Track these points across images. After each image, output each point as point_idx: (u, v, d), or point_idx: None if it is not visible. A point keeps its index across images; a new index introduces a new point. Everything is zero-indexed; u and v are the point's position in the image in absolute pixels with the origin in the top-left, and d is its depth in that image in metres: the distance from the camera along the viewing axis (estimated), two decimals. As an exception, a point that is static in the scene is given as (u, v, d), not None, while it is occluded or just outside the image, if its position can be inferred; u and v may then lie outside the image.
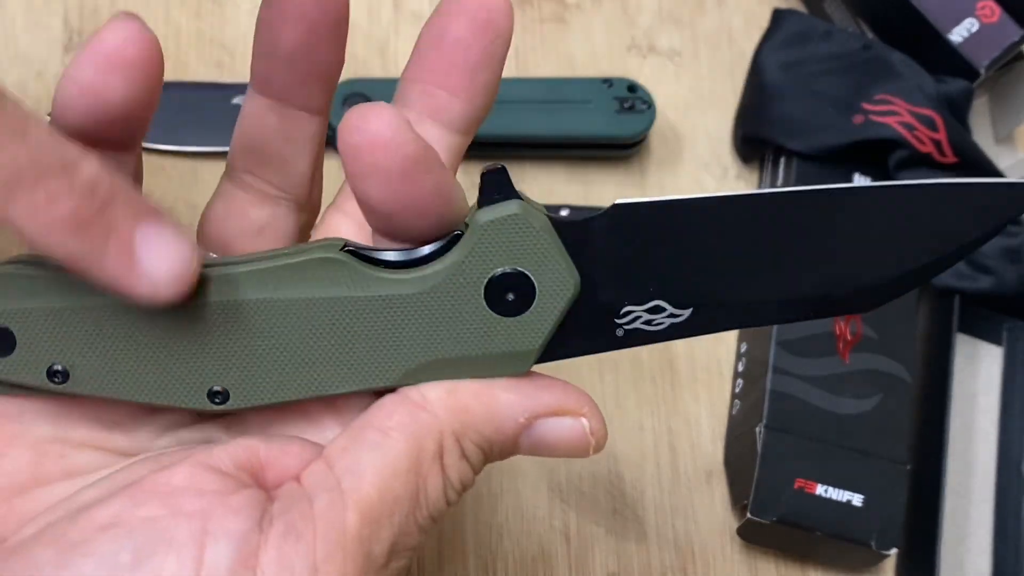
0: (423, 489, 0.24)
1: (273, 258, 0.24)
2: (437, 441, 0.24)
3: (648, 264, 0.24)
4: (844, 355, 0.44)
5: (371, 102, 0.23)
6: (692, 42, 0.53)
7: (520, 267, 0.24)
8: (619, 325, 0.25)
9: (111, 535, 0.22)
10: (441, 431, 0.24)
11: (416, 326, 0.24)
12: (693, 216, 0.24)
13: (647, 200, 0.24)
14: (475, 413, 0.25)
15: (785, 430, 0.43)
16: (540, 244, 0.24)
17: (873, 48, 0.49)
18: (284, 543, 0.22)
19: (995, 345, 0.47)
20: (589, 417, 0.25)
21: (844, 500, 0.42)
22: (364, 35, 0.50)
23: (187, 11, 0.50)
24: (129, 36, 0.22)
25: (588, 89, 0.49)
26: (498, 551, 0.43)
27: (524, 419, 0.25)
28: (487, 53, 0.25)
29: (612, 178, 0.50)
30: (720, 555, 0.44)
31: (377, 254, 0.24)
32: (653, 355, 0.47)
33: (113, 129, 0.23)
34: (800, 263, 0.25)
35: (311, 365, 0.24)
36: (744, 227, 0.24)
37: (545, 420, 0.25)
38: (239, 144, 0.27)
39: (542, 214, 0.24)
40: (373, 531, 0.23)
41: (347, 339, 0.24)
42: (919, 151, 0.47)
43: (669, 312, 0.25)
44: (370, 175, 0.23)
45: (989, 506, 0.44)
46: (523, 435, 0.25)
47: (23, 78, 0.48)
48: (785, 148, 0.48)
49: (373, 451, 0.24)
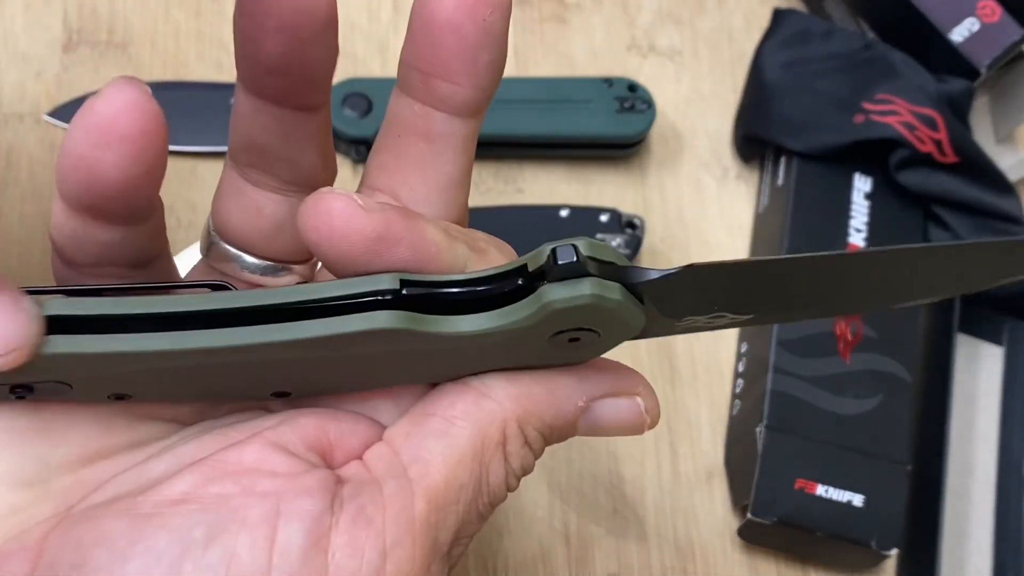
0: (485, 477, 0.24)
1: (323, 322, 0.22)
2: (500, 429, 0.24)
3: (715, 301, 0.24)
4: (845, 355, 0.44)
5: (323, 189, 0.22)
6: (692, 42, 0.53)
7: (589, 326, 0.23)
8: (677, 326, 0.25)
9: (184, 510, 0.22)
10: (504, 419, 0.24)
11: (477, 353, 0.24)
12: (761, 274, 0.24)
13: (721, 262, 0.23)
14: (537, 400, 0.24)
15: (786, 430, 0.43)
16: (610, 316, 0.23)
17: (874, 47, 0.49)
18: (355, 527, 0.22)
19: (996, 345, 0.47)
20: (644, 396, 0.26)
21: (845, 500, 0.42)
22: (364, 35, 0.50)
23: (187, 11, 0.50)
24: (125, 106, 0.20)
25: (588, 89, 0.49)
26: (498, 551, 0.43)
27: (583, 402, 0.25)
28: (485, 32, 0.23)
29: (612, 178, 0.50)
30: (720, 555, 0.44)
31: (436, 290, 0.23)
32: (653, 355, 0.47)
33: (114, 204, 0.22)
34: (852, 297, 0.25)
35: (371, 378, 0.25)
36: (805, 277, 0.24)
37: (603, 402, 0.25)
38: (238, 142, 0.26)
39: (615, 293, 0.22)
40: (440, 518, 0.23)
41: (407, 363, 0.24)
42: (920, 151, 0.47)
43: (729, 319, 0.25)
44: (338, 262, 0.22)
45: (990, 506, 0.44)
46: (583, 421, 0.25)
47: (23, 78, 0.48)
48: (785, 148, 0.48)
49: (439, 439, 0.24)
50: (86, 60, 0.49)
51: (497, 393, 0.24)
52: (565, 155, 0.50)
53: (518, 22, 0.52)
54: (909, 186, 0.47)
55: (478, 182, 0.48)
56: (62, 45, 0.49)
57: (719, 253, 0.49)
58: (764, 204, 0.50)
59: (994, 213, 0.47)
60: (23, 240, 0.45)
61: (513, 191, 0.49)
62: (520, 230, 0.47)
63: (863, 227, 0.47)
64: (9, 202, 0.46)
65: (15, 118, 0.47)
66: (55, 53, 0.49)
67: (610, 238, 0.47)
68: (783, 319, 0.25)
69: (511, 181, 0.49)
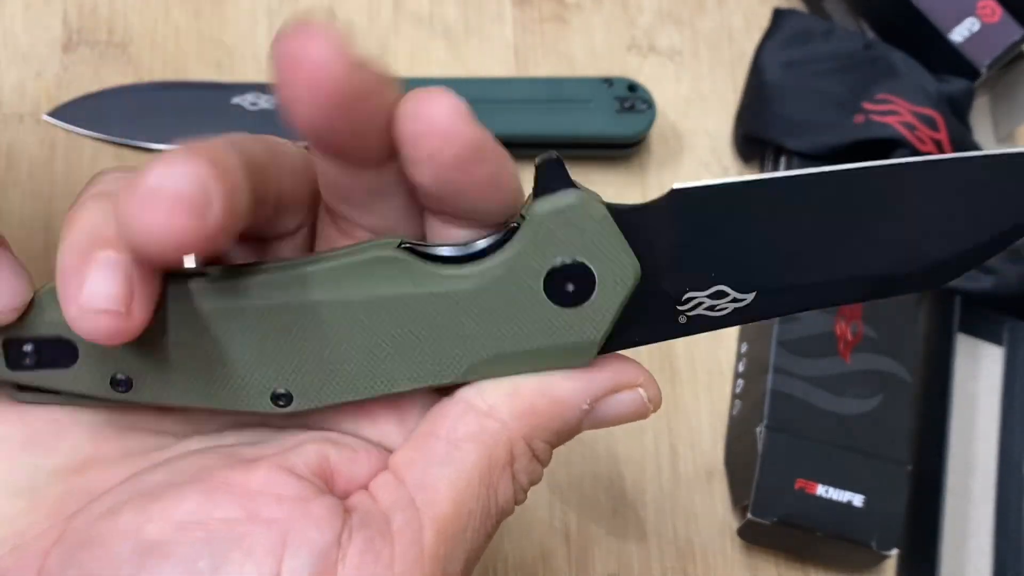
0: (494, 498, 0.24)
1: (329, 259, 0.24)
2: (508, 450, 0.24)
3: (709, 249, 0.24)
4: (845, 355, 0.44)
5: (428, 87, 0.22)
6: (692, 42, 0.53)
7: (579, 257, 0.23)
8: (681, 312, 0.25)
9: (189, 539, 0.22)
10: (511, 439, 0.24)
11: (478, 321, 0.24)
12: (753, 198, 0.23)
13: (705, 183, 0.23)
14: (542, 413, 0.24)
15: (786, 430, 0.43)
16: (599, 234, 0.23)
17: (874, 47, 0.49)
18: (363, 560, 0.22)
19: (996, 345, 0.47)
20: (645, 386, 0.25)
21: (845, 500, 0.42)
22: (364, 35, 0.50)
23: (187, 11, 0.50)
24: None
25: (588, 89, 0.49)
26: (498, 551, 0.43)
27: (587, 405, 0.25)
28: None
29: (612, 178, 0.50)
30: (720, 555, 0.44)
31: (433, 250, 0.24)
32: (653, 355, 0.47)
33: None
34: (864, 241, 0.24)
35: (374, 363, 0.24)
36: (805, 207, 0.24)
37: (606, 399, 0.25)
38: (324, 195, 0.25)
39: (600, 203, 0.24)
40: (449, 549, 0.23)
41: (409, 336, 0.24)
42: (920, 151, 0.47)
43: (732, 297, 0.24)
44: (425, 162, 0.22)
45: (990, 506, 0.44)
46: (586, 421, 0.25)
47: (23, 78, 0.48)
48: (785, 148, 0.48)
49: (445, 466, 0.23)
50: (86, 60, 0.49)
51: (501, 412, 0.24)
52: (565, 155, 0.49)
53: (518, 22, 0.52)
54: (909, 186, 0.47)
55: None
56: (62, 45, 0.49)
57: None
58: (764, 204, 0.50)
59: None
60: (23, 240, 0.45)
61: (513, 191, 0.49)
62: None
63: (863, 227, 0.47)
64: (9, 202, 0.46)
65: (15, 118, 0.47)
66: (55, 53, 0.49)
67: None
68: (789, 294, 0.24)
69: (511, 181, 0.49)
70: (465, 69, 0.51)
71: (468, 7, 0.52)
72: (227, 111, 0.48)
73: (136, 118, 0.48)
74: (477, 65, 0.51)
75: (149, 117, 0.48)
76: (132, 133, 0.48)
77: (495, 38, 0.52)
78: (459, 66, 0.51)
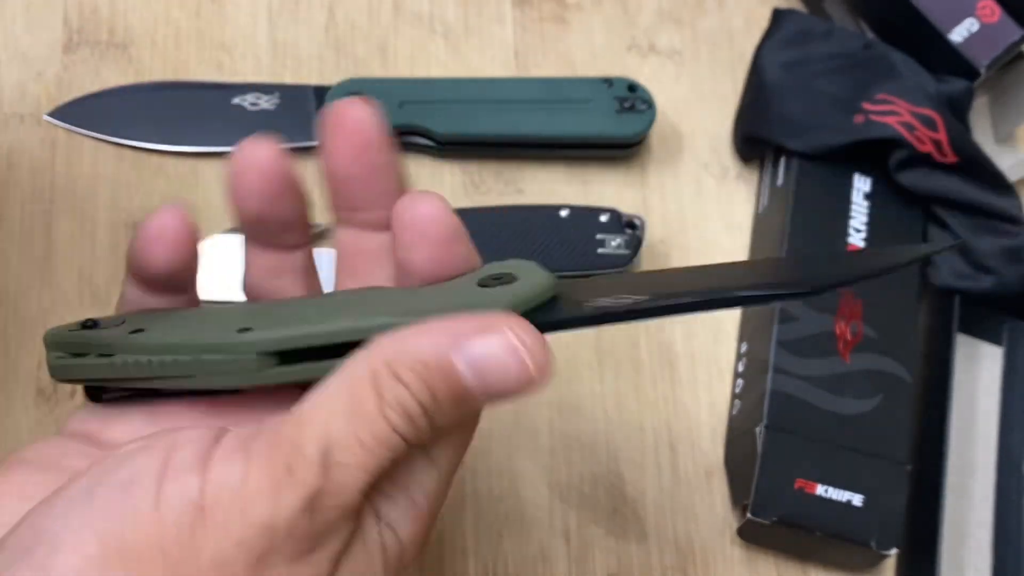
0: (358, 406, 0.25)
1: None
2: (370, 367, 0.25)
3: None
4: (844, 355, 0.44)
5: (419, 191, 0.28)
6: (692, 42, 0.53)
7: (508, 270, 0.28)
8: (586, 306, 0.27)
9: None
10: (370, 358, 0.25)
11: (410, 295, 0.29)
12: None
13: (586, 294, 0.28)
14: (402, 338, 0.26)
15: (785, 430, 0.43)
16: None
17: (874, 48, 0.49)
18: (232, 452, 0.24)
19: (995, 345, 0.47)
20: (516, 330, 0.25)
21: (844, 500, 0.42)
22: (364, 35, 0.50)
23: (187, 11, 0.50)
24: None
25: (588, 89, 0.49)
26: (498, 551, 0.43)
27: (449, 337, 0.25)
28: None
29: (612, 178, 0.50)
30: (720, 555, 0.44)
31: None
32: (653, 355, 0.47)
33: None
34: None
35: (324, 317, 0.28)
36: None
37: (471, 340, 0.25)
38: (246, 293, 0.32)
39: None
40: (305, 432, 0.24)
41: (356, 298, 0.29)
42: (919, 151, 0.47)
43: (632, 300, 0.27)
44: (420, 243, 0.28)
45: (989, 506, 0.44)
46: (457, 360, 0.25)
47: (23, 78, 0.48)
48: (785, 148, 0.48)
49: (316, 387, 0.26)
50: (86, 60, 0.49)
51: (370, 344, 0.26)
52: (565, 155, 0.50)
53: (518, 22, 0.52)
54: (909, 186, 0.47)
55: (478, 182, 0.48)
56: (62, 45, 0.49)
57: (719, 253, 0.49)
58: (764, 204, 0.50)
59: (994, 213, 0.47)
60: (24, 240, 0.45)
61: (513, 191, 0.49)
62: (520, 230, 0.47)
63: (863, 227, 0.47)
64: (10, 202, 0.46)
65: (15, 118, 0.47)
66: (55, 53, 0.49)
67: (610, 238, 0.47)
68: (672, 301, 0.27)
69: (511, 181, 0.49)
70: (465, 69, 0.51)
71: (468, 7, 0.52)
72: (227, 111, 0.48)
73: (136, 118, 0.48)
74: (477, 65, 0.51)
75: (149, 117, 0.48)
76: (132, 133, 0.48)
77: (495, 38, 0.52)
78: (459, 66, 0.51)
